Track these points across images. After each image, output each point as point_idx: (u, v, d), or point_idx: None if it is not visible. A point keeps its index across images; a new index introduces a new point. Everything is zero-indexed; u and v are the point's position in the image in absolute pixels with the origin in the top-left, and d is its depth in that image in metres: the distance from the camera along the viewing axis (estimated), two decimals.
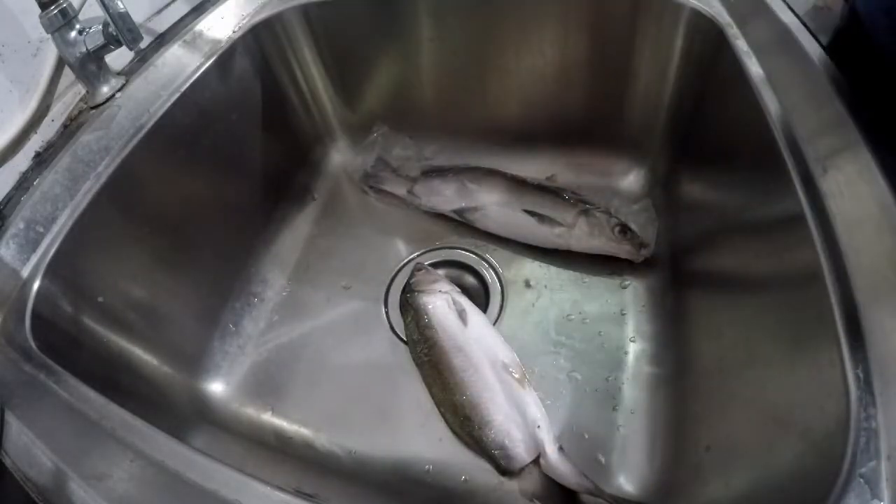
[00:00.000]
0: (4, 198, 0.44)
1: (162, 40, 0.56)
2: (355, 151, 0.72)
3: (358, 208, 0.68)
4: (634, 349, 0.51)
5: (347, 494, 0.45)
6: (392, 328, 0.56)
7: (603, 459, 0.45)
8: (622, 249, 0.55)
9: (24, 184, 0.45)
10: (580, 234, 0.56)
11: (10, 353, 0.35)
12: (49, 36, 0.45)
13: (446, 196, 0.63)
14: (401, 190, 0.66)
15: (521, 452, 0.44)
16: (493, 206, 0.61)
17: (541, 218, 0.58)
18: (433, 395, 0.50)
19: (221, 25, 0.58)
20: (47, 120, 0.48)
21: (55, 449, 0.30)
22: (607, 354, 0.51)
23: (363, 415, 0.50)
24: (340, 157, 0.73)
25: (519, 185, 0.62)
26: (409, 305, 0.55)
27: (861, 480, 0.24)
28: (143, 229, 0.48)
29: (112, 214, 0.45)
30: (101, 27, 0.45)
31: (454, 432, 0.48)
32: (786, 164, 0.36)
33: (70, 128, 0.49)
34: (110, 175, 0.45)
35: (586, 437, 0.47)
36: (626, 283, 0.56)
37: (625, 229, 0.55)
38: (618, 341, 0.52)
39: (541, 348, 0.52)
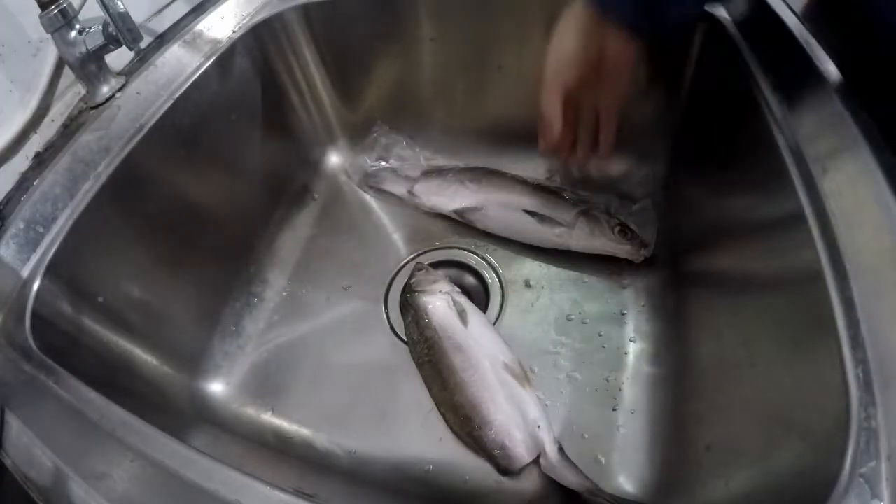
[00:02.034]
0: (4, 198, 0.44)
1: (162, 40, 0.56)
2: (355, 151, 0.72)
3: (358, 208, 0.68)
4: (634, 349, 0.51)
5: (347, 494, 0.45)
6: (392, 328, 0.56)
7: (603, 459, 0.45)
8: (622, 249, 0.55)
9: (24, 184, 0.45)
10: (580, 234, 0.56)
11: (10, 353, 0.35)
12: (49, 36, 0.45)
13: (446, 196, 0.63)
14: (401, 190, 0.66)
15: (521, 452, 0.44)
16: (493, 206, 0.60)
17: (541, 218, 0.58)
18: (433, 395, 0.50)
19: (221, 25, 0.58)
20: (47, 120, 0.48)
21: (55, 449, 0.30)
22: (607, 354, 0.51)
23: (363, 415, 0.50)
24: (340, 157, 0.73)
25: (519, 185, 0.62)
26: (410, 305, 0.55)
27: (861, 480, 0.24)
28: (143, 229, 0.48)
29: (112, 214, 0.45)
30: (101, 27, 0.45)
31: (454, 432, 0.48)
32: (786, 164, 0.36)
33: (70, 128, 0.48)
34: (110, 175, 0.45)
35: (586, 437, 0.47)
36: (626, 283, 0.56)
37: (625, 229, 0.55)
38: (618, 341, 0.52)
39: (541, 348, 0.52)
